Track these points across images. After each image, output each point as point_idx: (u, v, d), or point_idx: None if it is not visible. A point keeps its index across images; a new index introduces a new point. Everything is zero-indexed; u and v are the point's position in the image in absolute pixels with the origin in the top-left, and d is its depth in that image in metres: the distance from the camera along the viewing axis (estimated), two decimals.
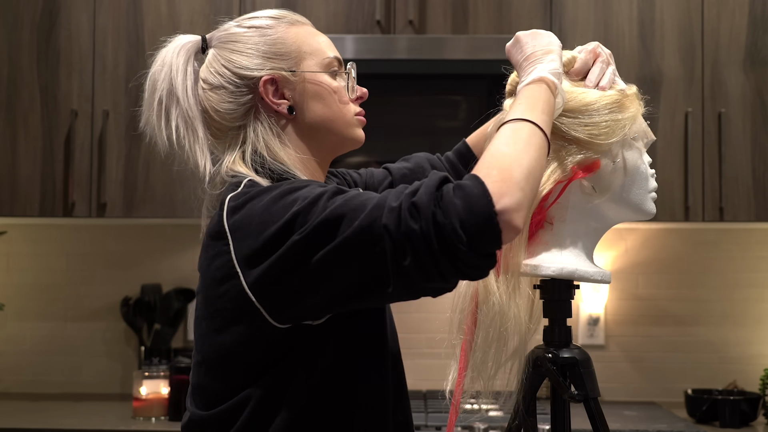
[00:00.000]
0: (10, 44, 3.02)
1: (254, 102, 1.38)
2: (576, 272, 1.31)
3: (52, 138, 2.99)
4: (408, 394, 1.47)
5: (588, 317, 3.29)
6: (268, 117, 1.38)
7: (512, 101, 1.28)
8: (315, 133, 1.40)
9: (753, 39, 2.98)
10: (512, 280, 1.30)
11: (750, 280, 3.30)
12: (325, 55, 1.42)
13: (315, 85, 1.40)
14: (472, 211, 1.10)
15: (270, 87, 1.38)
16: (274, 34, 1.40)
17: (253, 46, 1.39)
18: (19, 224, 3.31)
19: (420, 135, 2.92)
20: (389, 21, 2.98)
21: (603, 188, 1.32)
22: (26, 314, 3.33)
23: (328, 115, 1.40)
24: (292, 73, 1.38)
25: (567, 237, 1.33)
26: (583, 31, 2.98)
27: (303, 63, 1.40)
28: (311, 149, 1.41)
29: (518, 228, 1.11)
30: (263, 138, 1.37)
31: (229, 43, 1.40)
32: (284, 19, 1.43)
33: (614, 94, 1.32)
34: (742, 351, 3.28)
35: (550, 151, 1.25)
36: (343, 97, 1.42)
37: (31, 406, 3.08)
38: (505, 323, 1.28)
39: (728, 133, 2.95)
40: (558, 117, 1.29)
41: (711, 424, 2.88)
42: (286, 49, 1.40)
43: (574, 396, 1.32)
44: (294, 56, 1.40)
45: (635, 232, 3.32)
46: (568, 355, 1.34)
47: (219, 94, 1.38)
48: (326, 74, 1.41)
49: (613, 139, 1.30)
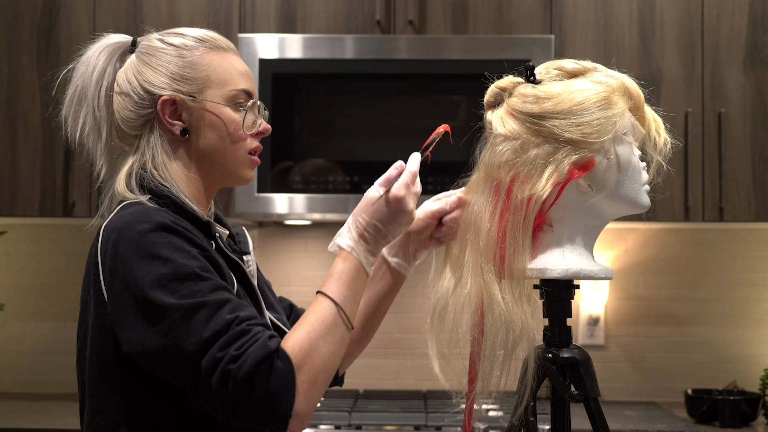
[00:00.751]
0: (10, 44, 3.02)
1: (153, 116, 1.43)
2: (581, 272, 1.32)
3: (52, 138, 2.99)
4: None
5: (588, 317, 3.29)
6: (163, 133, 1.43)
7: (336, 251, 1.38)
8: (203, 160, 1.44)
9: (753, 39, 2.98)
10: (517, 287, 1.30)
11: (750, 280, 3.30)
12: (233, 86, 1.44)
13: (213, 114, 1.42)
14: (274, 404, 1.23)
15: (169, 107, 1.42)
16: (189, 56, 1.43)
17: (164, 65, 1.43)
18: (19, 224, 3.31)
19: (420, 135, 2.92)
20: (389, 21, 2.98)
21: (599, 186, 1.32)
22: (26, 314, 3.34)
23: (219, 146, 1.43)
24: (192, 98, 1.42)
25: (567, 237, 1.34)
26: (583, 31, 2.98)
27: (207, 91, 1.42)
28: (199, 172, 1.45)
29: (305, 425, 1.27)
30: (154, 151, 1.42)
31: (146, 55, 1.44)
32: (206, 43, 1.45)
33: (601, 90, 1.32)
34: (742, 351, 3.29)
35: (540, 159, 1.28)
36: (238, 131, 1.43)
37: (31, 406, 3.09)
38: (515, 330, 1.29)
39: (728, 133, 2.96)
40: (549, 120, 1.30)
41: (711, 424, 2.88)
42: (194, 74, 1.43)
43: (574, 396, 1.33)
44: (199, 83, 1.42)
45: (635, 232, 3.32)
46: (568, 355, 1.34)
47: (124, 100, 1.43)
48: (226, 106, 1.43)
49: (606, 137, 1.30)
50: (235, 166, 1.45)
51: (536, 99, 1.31)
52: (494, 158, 1.33)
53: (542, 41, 2.86)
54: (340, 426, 2.70)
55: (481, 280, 1.31)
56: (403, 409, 2.84)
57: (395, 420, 2.75)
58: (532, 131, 1.30)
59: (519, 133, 1.31)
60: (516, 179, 1.30)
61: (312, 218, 3.03)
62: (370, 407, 2.88)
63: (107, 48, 1.46)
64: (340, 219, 2.99)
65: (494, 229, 1.31)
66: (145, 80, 1.42)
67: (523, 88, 1.34)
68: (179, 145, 1.43)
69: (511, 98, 1.34)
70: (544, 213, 1.32)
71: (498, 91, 1.36)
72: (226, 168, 1.45)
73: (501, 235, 1.31)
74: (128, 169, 1.42)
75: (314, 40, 2.90)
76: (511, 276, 1.30)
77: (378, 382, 3.28)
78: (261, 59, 2.86)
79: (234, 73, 1.45)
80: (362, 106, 2.98)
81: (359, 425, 2.71)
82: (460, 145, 2.86)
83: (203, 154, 1.43)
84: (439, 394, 3.15)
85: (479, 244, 1.32)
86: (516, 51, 2.84)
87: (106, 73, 1.45)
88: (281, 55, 2.89)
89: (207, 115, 1.42)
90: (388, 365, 3.28)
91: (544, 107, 1.30)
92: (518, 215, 1.30)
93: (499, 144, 1.33)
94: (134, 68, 1.44)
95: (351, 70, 2.89)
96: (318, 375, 1.27)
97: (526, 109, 1.31)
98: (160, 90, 1.41)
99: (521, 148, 1.31)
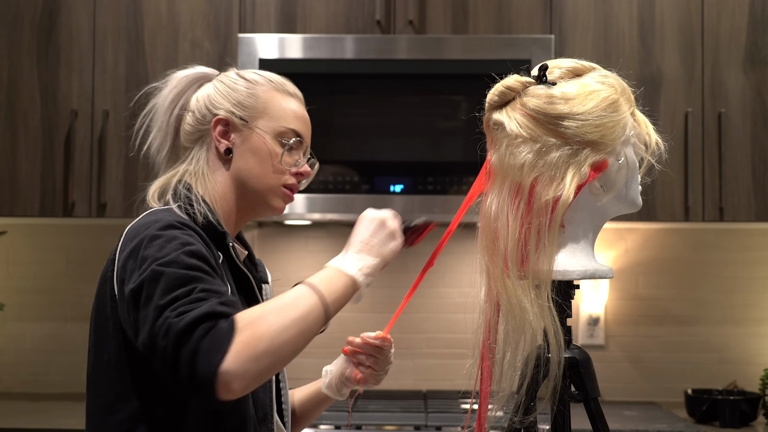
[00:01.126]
0: (10, 44, 3.02)
1: (207, 133, 1.55)
2: (597, 272, 1.32)
3: (52, 138, 2.99)
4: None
5: (588, 317, 3.29)
6: (211, 149, 1.55)
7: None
8: (240, 182, 1.54)
9: (753, 39, 2.98)
10: (544, 290, 1.29)
11: (750, 281, 3.30)
12: (285, 124, 1.55)
13: (258, 141, 1.54)
14: (203, 359, 1.21)
15: (221, 126, 1.54)
16: (254, 89, 1.56)
17: (230, 92, 1.56)
18: (19, 224, 3.31)
19: (420, 135, 2.93)
20: (389, 21, 2.98)
21: (609, 186, 1.33)
22: (26, 314, 3.34)
23: (256, 171, 1.54)
24: (243, 122, 1.53)
25: (577, 238, 1.34)
26: (583, 31, 2.98)
27: (259, 120, 1.54)
28: (235, 193, 1.55)
29: (234, 393, 1.22)
30: (198, 163, 1.54)
31: (219, 83, 1.58)
32: (274, 84, 1.58)
33: (612, 92, 1.32)
34: (742, 351, 3.29)
35: (562, 161, 1.27)
36: (277, 164, 1.54)
37: (31, 406, 3.09)
38: (539, 336, 1.28)
39: (728, 133, 2.96)
40: (570, 121, 1.29)
41: (711, 424, 2.88)
42: (253, 103, 1.55)
43: (574, 396, 1.33)
44: (255, 112, 1.55)
45: (635, 232, 3.32)
46: (568, 355, 1.34)
47: (189, 117, 1.56)
48: (274, 138, 1.54)
49: (621, 138, 1.31)
50: (267, 193, 1.55)
51: (555, 100, 1.30)
52: (514, 160, 1.30)
53: (542, 41, 2.86)
54: (340, 426, 2.70)
55: (501, 284, 1.29)
56: (403, 409, 2.84)
57: (395, 420, 2.75)
58: (553, 133, 1.29)
59: (539, 135, 1.29)
60: (538, 181, 1.29)
61: (312, 218, 3.03)
62: (370, 407, 2.88)
63: (191, 75, 1.59)
64: (340, 219, 2.99)
65: (517, 231, 1.29)
66: (209, 101, 1.55)
67: (537, 89, 1.32)
68: (222, 163, 1.54)
69: (525, 98, 1.32)
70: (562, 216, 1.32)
71: (505, 90, 1.33)
72: (260, 194, 1.55)
73: (523, 237, 1.29)
74: (166, 179, 1.54)
75: (314, 40, 2.90)
76: (536, 278, 1.29)
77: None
78: (261, 59, 2.86)
79: (290, 113, 1.56)
80: (362, 106, 2.98)
81: (359, 425, 2.71)
82: (460, 145, 2.89)
83: (240, 176, 1.54)
84: (439, 394, 3.15)
85: (500, 247, 1.30)
86: (516, 51, 2.83)
87: (184, 96, 1.58)
88: (281, 55, 2.89)
89: (253, 141, 1.53)
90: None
91: (564, 109, 1.29)
92: (543, 218, 1.29)
93: (519, 146, 1.30)
94: (206, 92, 1.57)
95: (351, 70, 2.89)
96: (258, 341, 1.23)
97: (546, 110, 1.29)
98: (218, 110, 1.54)
99: (542, 150, 1.29)
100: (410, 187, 2.84)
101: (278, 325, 1.26)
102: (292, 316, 1.29)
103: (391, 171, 2.87)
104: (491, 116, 1.36)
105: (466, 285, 3.70)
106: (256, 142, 1.53)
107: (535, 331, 1.28)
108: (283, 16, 2.99)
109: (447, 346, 3.30)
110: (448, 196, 2.83)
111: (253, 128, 1.53)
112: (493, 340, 1.32)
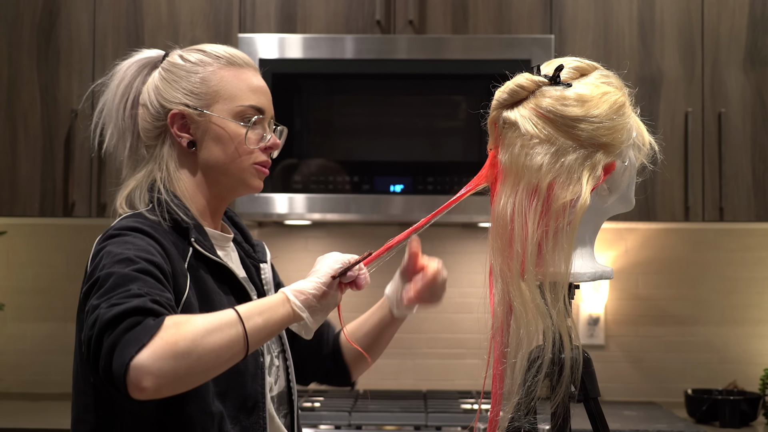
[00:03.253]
0: (10, 44, 3.02)
1: (166, 129, 1.53)
2: (604, 273, 1.33)
3: (52, 138, 2.99)
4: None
5: (588, 317, 3.29)
6: (174, 146, 1.53)
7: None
8: (209, 172, 1.52)
9: (753, 39, 2.98)
10: (561, 292, 1.28)
11: (750, 281, 3.30)
12: (242, 102, 1.51)
13: (219, 128, 1.51)
14: (120, 351, 1.19)
15: (178, 121, 1.51)
16: (202, 72, 1.52)
17: (178, 80, 1.52)
18: (19, 224, 3.31)
19: (420, 135, 2.93)
20: (389, 21, 2.98)
21: (615, 188, 1.33)
22: (26, 314, 3.34)
23: (223, 159, 1.51)
24: (199, 112, 1.50)
25: (582, 239, 1.34)
26: (583, 31, 2.98)
27: (214, 105, 1.51)
28: (207, 183, 1.53)
29: (145, 391, 1.18)
30: (163, 162, 1.52)
31: (166, 71, 1.54)
32: (221, 60, 1.53)
33: (619, 96, 1.32)
34: (742, 351, 3.29)
35: (578, 163, 1.27)
36: (242, 145, 1.51)
37: (31, 406, 3.09)
38: (550, 337, 1.27)
39: (728, 133, 2.96)
40: (586, 123, 1.28)
41: (711, 424, 2.88)
42: (204, 89, 1.51)
43: (574, 396, 1.33)
44: (208, 98, 1.51)
45: (635, 232, 3.32)
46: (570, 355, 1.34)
47: (144, 112, 1.54)
48: (232, 121, 1.50)
49: (629, 141, 1.31)
50: (241, 175, 1.52)
51: (570, 102, 1.29)
52: (531, 161, 1.28)
53: (542, 41, 2.86)
54: (340, 426, 2.70)
55: (515, 287, 1.28)
56: (403, 409, 2.84)
57: (395, 420, 2.75)
58: (569, 135, 1.28)
59: (555, 136, 1.28)
60: (554, 183, 1.28)
61: (312, 218, 3.03)
62: (370, 407, 2.88)
63: (137, 63, 1.57)
64: (340, 219, 2.99)
65: (536, 233, 1.28)
66: (160, 94, 1.52)
67: (551, 89, 1.31)
68: (187, 157, 1.52)
69: (539, 98, 1.30)
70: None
71: (516, 89, 1.31)
72: (232, 178, 1.52)
73: (540, 239, 1.28)
74: (135, 183, 1.52)
75: (314, 40, 2.90)
76: (554, 280, 1.28)
77: (378, 382, 3.28)
78: (261, 59, 2.86)
79: (245, 89, 1.52)
80: (362, 106, 2.98)
81: (359, 425, 2.71)
82: (460, 145, 2.89)
83: (208, 166, 1.52)
84: (439, 394, 3.16)
85: (516, 249, 1.28)
86: (516, 51, 2.83)
87: (133, 86, 1.55)
88: (281, 55, 2.89)
89: (213, 128, 1.50)
90: (388, 365, 3.28)
91: (580, 111, 1.28)
92: (560, 220, 1.28)
93: (534, 147, 1.28)
94: (155, 82, 1.53)
95: (351, 70, 2.89)
96: (180, 340, 1.20)
97: (562, 111, 1.28)
98: (171, 104, 1.51)
99: (559, 151, 1.28)
100: (410, 187, 2.84)
101: (204, 328, 1.24)
102: (219, 322, 1.26)
103: (391, 171, 2.87)
104: (500, 114, 1.33)
105: (466, 285, 3.74)
106: (216, 130, 1.50)
107: (547, 333, 1.27)
108: (283, 16, 2.99)
109: (447, 346, 3.30)
110: (449, 196, 2.81)
111: (210, 116, 1.50)
112: (505, 343, 1.31)
